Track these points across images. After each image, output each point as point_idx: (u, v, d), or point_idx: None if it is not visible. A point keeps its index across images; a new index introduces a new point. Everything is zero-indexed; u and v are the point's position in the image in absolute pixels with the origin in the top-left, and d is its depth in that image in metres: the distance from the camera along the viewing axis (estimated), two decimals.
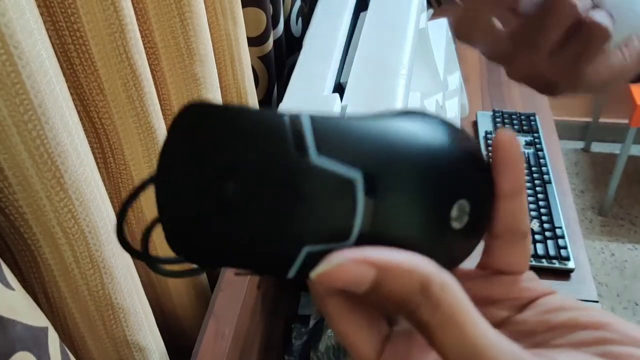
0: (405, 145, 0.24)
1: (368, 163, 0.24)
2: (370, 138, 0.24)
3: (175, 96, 0.64)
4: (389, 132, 0.24)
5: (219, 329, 0.63)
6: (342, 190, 0.23)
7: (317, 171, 0.23)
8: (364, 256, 0.23)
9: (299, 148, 0.23)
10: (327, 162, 0.23)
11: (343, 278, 0.23)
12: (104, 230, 0.47)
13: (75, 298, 0.47)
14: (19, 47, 0.36)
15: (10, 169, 0.39)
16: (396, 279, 0.22)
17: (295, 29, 1.08)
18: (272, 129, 0.24)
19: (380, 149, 0.24)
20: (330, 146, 0.23)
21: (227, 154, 0.24)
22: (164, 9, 0.58)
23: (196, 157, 0.24)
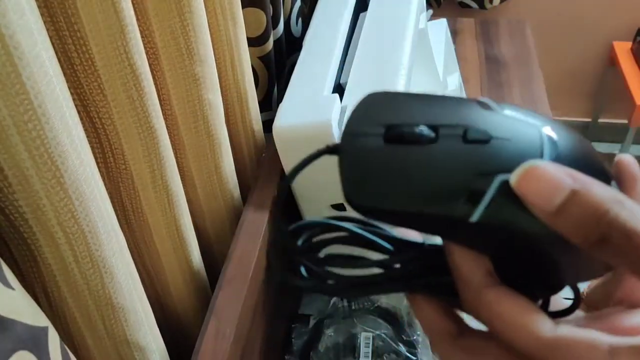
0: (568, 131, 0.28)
1: (546, 124, 0.27)
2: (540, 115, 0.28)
3: (175, 96, 0.65)
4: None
5: (220, 329, 0.63)
6: (532, 133, 0.26)
7: (505, 117, 0.27)
8: (561, 166, 0.23)
9: (485, 107, 0.28)
10: (512, 115, 0.27)
11: (542, 182, 0.23)
12: (104, 229, 0.47)
13: (75, 297, 0.47)
14: (19, 47, 0.36)
15: (10, 169, 0.39)
16: (594, 189, 0.23)
17: (295, 30, 1.08)
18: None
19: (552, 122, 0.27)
20: (512, 109, 0.28)
21: (414, 107, 0.28)
22: (164, 10, 0.58)
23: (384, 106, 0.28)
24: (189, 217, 0.68)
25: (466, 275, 0.28)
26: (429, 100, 0.29)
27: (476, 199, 0.25)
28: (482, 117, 0.27)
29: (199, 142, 0.70)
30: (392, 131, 0.27)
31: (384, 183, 0.26)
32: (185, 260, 0.68)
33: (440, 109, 0.28)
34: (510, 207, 0.25)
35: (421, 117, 0.27)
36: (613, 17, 2.07)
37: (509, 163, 0.25)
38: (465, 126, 0.27)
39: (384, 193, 0.26)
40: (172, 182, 0.62)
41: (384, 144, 0.27)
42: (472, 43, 1.52)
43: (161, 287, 0.68)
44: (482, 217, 0.25)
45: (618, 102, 2.23)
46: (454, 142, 0.26)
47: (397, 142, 0.27)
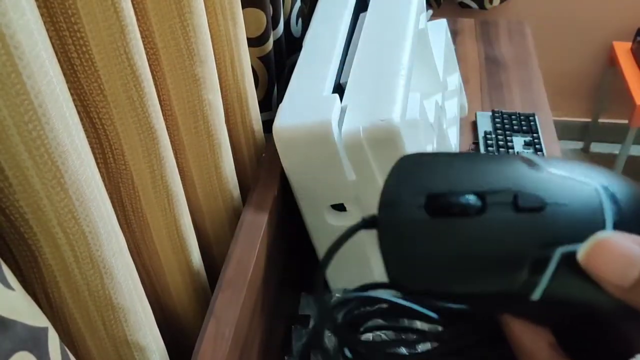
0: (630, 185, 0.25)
1: (601, 180, 0.25)
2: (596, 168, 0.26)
3: (175, 97, 0.64)
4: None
5: (219, 330, 0.63)
6: (589, 194, 0.24)
7: (557, 177, 0.25)
8: (630, 236, 0.22)
9: (532, 166, 0.25)
10: (563, 174, 0.25)
11: (614, 256, 0.21)
12: (104, 230, 0.47)
13: (75, 298, 0.47)
14: (19, 47, 0.36)
15: (11, 169, 0.39)
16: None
17: (295, 30, 1.08)
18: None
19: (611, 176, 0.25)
20: (562, 167, 0.25)
21: (461, 177, 0.25)
22: (164, 10, 0.58)
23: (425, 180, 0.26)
24: (188, 218, 0.68)
25: (529, 349, 0.25)
26: (469, 161, 0.27)
27: (536, 276, 0.23)
28: (530, 179, 0.25)
29: (199, 143, 0.69)
30: (436, 202, 0.25)
31: (433, 263, 0.24)
32: (185, 261, 0.68)
33: (483, 171, 0.25)
34: (574, 281, 0.23)
35: (464, 183, 0.25)
36: (613, 17, 2.07)
37: (569, 233, 0.23)
38: (514, 192, 0.24)
39: (434, 274, 0.24)
40: (172, 183, 0.62)
41: (427, 217, 0.25)
42: (472, 43, 1.51)
43: (161, 288, 0.68)
44: (543, 294, 0.23)
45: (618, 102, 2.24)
46: (504, 212, 0.24)
47: (442, 214, 0.25)
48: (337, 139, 0.71)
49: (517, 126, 1.21)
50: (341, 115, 0.74)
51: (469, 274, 0.24)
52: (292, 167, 0.78)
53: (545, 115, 1.28)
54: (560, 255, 0.23)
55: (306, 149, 0.74)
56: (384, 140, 0.70)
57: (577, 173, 0.25)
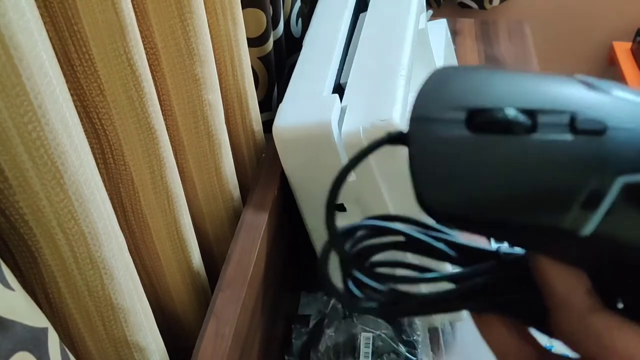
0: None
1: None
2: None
3: (175, 97, 0.64)
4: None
5: (219, 329, 0.63)
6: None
7: (620, 101, 0.22)
8: None
9: (591, 88, 0.22)
10: (627, 97, 0.22)
11: None
12: (104, 230, 0.47)
13: (75, 298, 0.47)
14: (19, 48, 0.36)
15: (10, 170, 0.39)
16: None
17: (295, 30, 1.08)
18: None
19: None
20: (625, 90, 0.22)
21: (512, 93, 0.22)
22: (164, 10, 0.58)
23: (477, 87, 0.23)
24: (188, 218, 0.68)
25: (564, 295, 0.23)
26: (518, 77, 0.23)
27: (590, 208, 0.20)
28: (590, 100, 0.22)
29: (199, 143, 0.69)
30: (478, 117, 0.22)
31: (472, 185, 0.21)
32: (185, 261, 0.68)
33: (534, 89, 0.22)
34: (635, 217, 0.20)
35: (513, 99, 0.22)
36: (613, 17, 2.07)
37: (633, 161, 0.20)
38: (572, 112, 0.21)
39: (472, 198, 0.21)
40: (172, 183, 0.62)
41: (469, 134, 0.21)
42: (472, 43, 1.52)
43: (161, 288, 0.68)
44: (596, 230, 0.20)
45: None
46: (558, 133, 0.21)
47: (485, 130, 0.21)
48: (337, 139, 0.71)
49: None
50: (341, 115, 0.74)
51: (513, 201, 0.21)
52: (292, 167, 0.77)
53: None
54: (621, 185, 0.20)
55: (306, 149, 0.74)
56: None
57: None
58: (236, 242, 0.72)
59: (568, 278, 0.23)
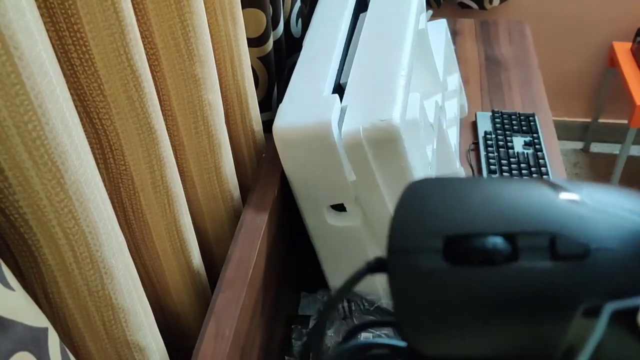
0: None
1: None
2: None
3: (175, 97, 0.64)
4: None
5: (219, 330, 0.63)
6: (633, 229, 0.20)
7: (597, 213, 0.20)
8: None
9: (563, 194, 0.21)
10: (603, 207, 0.20)
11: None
12: (104, 230, 0.47)
13: (75, 298, 0.47)
14: (19, 48, 0.36)
15: (11, 170, 0.39)
16: None
17: (295, 30, 1.08)
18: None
19: None
20: (599, 195, 0.21)
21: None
22: (164, 10, 0.58)
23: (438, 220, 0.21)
24: (189, 218, 0.68)
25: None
26: (491, 190, 0.21)
27: (581, 338, 0.19)
28: (567, 215, 0.20)
29: (199, 143, 0.69)
30: (456, 247, 0.21)
31: (455, 326, 0.20)
32: (185, 261, 0.68)
33: (509, 205, 0.21)
34: (628, 343, 0.19)
35: (489, 222, 0.20)
36: (613, 17, 2.07)
37: (620, 284, 0.19)
38: (552, 233, 0.20)
39: (456, 340, 0.20)
40: (172, 183, 0.62)
41: (447, 266, 0.20)
42: (472, 43, 1.52)
43: (161, 288, 0.68)
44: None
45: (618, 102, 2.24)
46: (539, 260, 0.19)
47: (463, 262, 0.20)
48: (337, 139, 0.71)
49: (517, 126, 1.21)
50: (341, 115, 0.74)
51: (498, 336, 0.20)
52: (292, 167, 0.77)
53: (545, 115, 1.28)
54: (610, 313, 0.19)
55: (306, 149, 0.74)
56: (384, 141, 0.70)
57: (620, 205, 0.20)
58: (236, 243, 0.72)
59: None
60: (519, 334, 0.19)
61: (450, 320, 0.20)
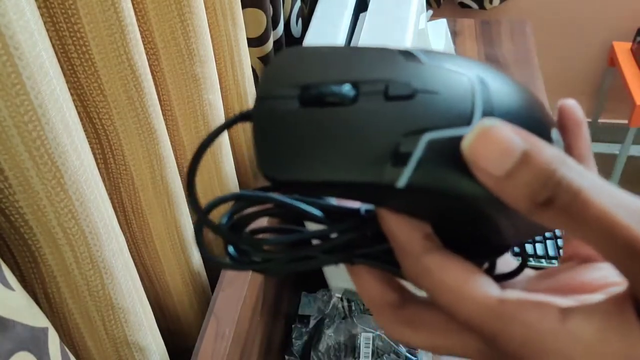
0: (499, 75, 0.26)
1: (477, 72, 0.25)
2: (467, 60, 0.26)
3: (175, 97, 0.64)
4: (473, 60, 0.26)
5: (220, 329, 0.63)
6: (461, 83, 0.24)
7: (431, 68, 0.25)
8: (510, 125, 0.22)
9: (408, 58, 0.25)
10: (439, 64, 0.25)
11: (494, 144, 0.21)
12: (104, 230, 0.47)
13: (75, 298, 0.47)
14: (19, 48, 0.36)
15: (11, 170, 0.39)
16: (543, 149, 0.21)
17: (296, 30, 1.08)
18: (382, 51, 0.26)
19: (481, 67, 0.26)
20: (439, 58, 0.26)
21: (334, 67, 0.25)
22: (164, 10, 0.58)
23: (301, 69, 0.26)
24: (189, 218, 0.68)
25: (403, 241, 0.25)
26: (348, 53, 0.26)
27: (402, 162, 0.23)
28: (405, 70, 0.25)
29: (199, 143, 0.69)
30: (309, 92, 0.25)
31: (302, 152, 0.24)
32: (185, 261, 0.68)
33: (359, 62, 0.25)
34: (441, 169, 0.23)
35: (339, 74, 0.25)
36: (613, 17, 2.07)
37: (436, 119, 0.23)
38: (387, 80, 0.24)
39: (302, 163, 0.24)
40: (172, 183, 0.62)
41: (300, 108, 0.25)
42: (472, 43, 1.51)
43: (161, 288, 0.68)
44: (410, 182, 0.23)
45: (618, 102, 2.23)
46: (375, 100, 0.24)
47: (315, 104, 0.24)
48: None
49: None
50: None
51: (337, 162, 0.24)
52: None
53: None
54: (427, 142, 0.23)
55: None
56: None
57: (454, 64, 0.25)
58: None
59: (405, 226, 0.25)
60: (356, 162, 0.23)
61: (303, 151, 0.24)
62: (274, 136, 0.24)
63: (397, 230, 0.26)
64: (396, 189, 0.23)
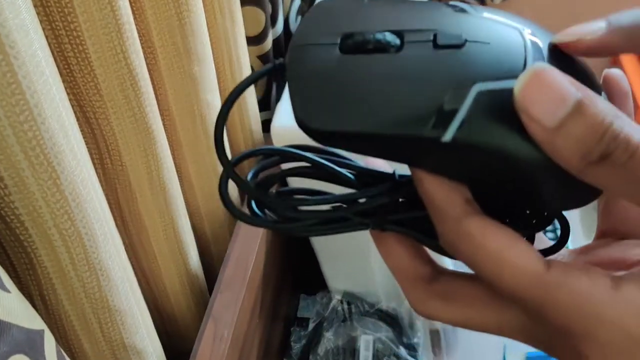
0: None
1: (528, 26, 0.24)
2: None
3: (172, 96, 0.64)
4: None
5: (218, 332, 0.63)
6: (511, 35, 0.23)
7: (481, 19, 0.24)
8: (564, 74, 0.21)
9: (456, 9, 0.25)
10: (489, 17, 0.24)
11: (548, 91, 0.20)
12: (101, 231, 0.47)
13: (71, 300, 0.47)
14: (14, 47, 0.35)
15: (6, 170, 0.38)
16: (597, 101, 0.20)
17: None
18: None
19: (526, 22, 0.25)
20: (489, 11, 0.25)
21: (377, 16, 0.24)
22: (162, 8, 0.57)
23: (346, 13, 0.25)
24: (186, 219, 0.68)
25: (441, 204, 0.24)
26: (393, 4, 0.25)
27: (449, 114, 0.21)
28: (455, 21, 0.24)
29: (197, 143, 0.69)
30: (349, 40, 0.23)
31: (342, 101, 0.23)
32: (183, 263, 0.68)
33: (406, 13, 0.24)
34: (490, 123, 0.22)
35: (383, 23, 0.24)
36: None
37: (488, 70, 0.22)
38: (435, 30, 0.23)
39: (343, 113, 0.23)
40: (170, 184, 0.61)
41: (340, 55, 0.23)
42: None
43: (158, 290, 0.68)
44: (456, 135, 0.21)
45: None
46: (422, 49, 0.23)
47: (357, 51, 0.23)
48: None
49: None
50: None
51: (381, 113, 0.22)
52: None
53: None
54: (476, 93, 0.22)
55: None
56: None
57: (504, 17, 0.24)
58: (234, 243, 0.72)
59: (445, 188, 0.24)
60: (400, 113, 0.22)
61: (343, 100, 0.23)
62: (313, 84, 0.23)
63: (436, 192, 0.24)
64: (441, 143, 0.22)
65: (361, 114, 0.22)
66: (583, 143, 0.20)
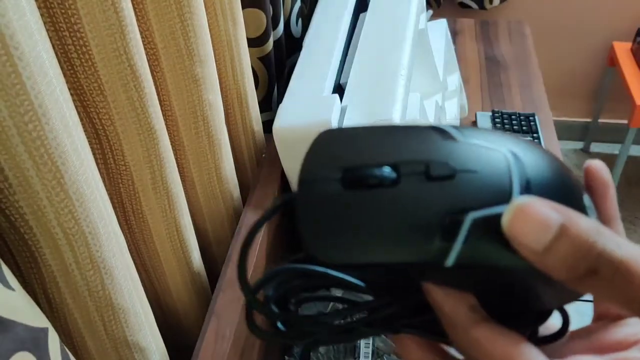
0: (536, 150, 0.26)
1: (510, 147, 0.25)
2: (503, 135, 0.27)
3: (175, 97, 0.64)
4: (515, 137, 0.27)
5: (220, 330, 0.63)
6: (497, 160, 0.25)
7: (466, 145, 0.25)
8: (545, 201, 0.22)
9: (442, 135, 0.26)
10: (472, 141, 0.26)
11: (531, 221, 0.22)
12: (104, 230, 0.47)
13: (75, 298, 0.47)
14: (19, 48, 0.36)
15: (11, 170, 0.39)
16: (579, 222, 0.22)
17: (295, 30, 1.08)
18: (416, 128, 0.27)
19: (516, 142, 0.26)
20: (471, 134, 0.26)
21: (372, 149, 0.26)
22: (164, 10, 0.58)
23: (343, 152, 0.27)
24: (189, 218, 0.68)
25: (450, 314, 0.26)
26: (383, 133, 0.27)
27: (449, 243, 0.23)
28: (442, 148, 0.25)
29: (199, 143, 0.69)
30: (350, 175, 0.25)
31: (348, 235, 0.25)
32: (185, 261, 0.68)
33: (396, 142, 0.26)
34: (486, 246, 0.24)
35: (379, 156, 0.26)
36: (613, 17, 2.07)
37: (479, 198, 0.24)
38: (427, 161, 0.25)
39: (348, 247, 0.25)
40: (172, 183, 0.62)
41: (343, 190, 0.25)
42: (472, 43, 1.51)
43: (161, 288, 0.68)
44: (457, 260, 0.24)
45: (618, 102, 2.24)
46: (416, 182, 0.25)
47: (357, 186, 0.25)
48: None
49: (517, 126, 1.21)
50: (341, 115, 0.73)
51: (385, 244, 0.24)
52: (292, 167, 0.77)
53: (545, 115, 1.27)
54: (471, 221, 0.23)
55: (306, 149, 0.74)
56: None
57: (485, 140, 0.26)
58: (236, 242, 0.72)
59: (451, 299, 0.26)
60: (403, 243, 0.24)
61: (348, 235, 0.25)
62: (321, 219, 0.25)
63: (443, 302, 0.26)
64: (444, 267, 0.24)
65: (366, 247, 0.25)
66: (570, 261, 0.22)
